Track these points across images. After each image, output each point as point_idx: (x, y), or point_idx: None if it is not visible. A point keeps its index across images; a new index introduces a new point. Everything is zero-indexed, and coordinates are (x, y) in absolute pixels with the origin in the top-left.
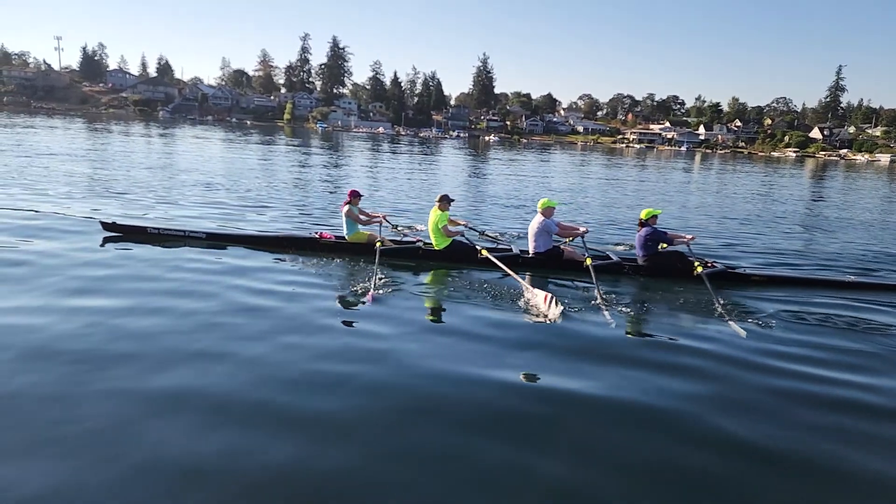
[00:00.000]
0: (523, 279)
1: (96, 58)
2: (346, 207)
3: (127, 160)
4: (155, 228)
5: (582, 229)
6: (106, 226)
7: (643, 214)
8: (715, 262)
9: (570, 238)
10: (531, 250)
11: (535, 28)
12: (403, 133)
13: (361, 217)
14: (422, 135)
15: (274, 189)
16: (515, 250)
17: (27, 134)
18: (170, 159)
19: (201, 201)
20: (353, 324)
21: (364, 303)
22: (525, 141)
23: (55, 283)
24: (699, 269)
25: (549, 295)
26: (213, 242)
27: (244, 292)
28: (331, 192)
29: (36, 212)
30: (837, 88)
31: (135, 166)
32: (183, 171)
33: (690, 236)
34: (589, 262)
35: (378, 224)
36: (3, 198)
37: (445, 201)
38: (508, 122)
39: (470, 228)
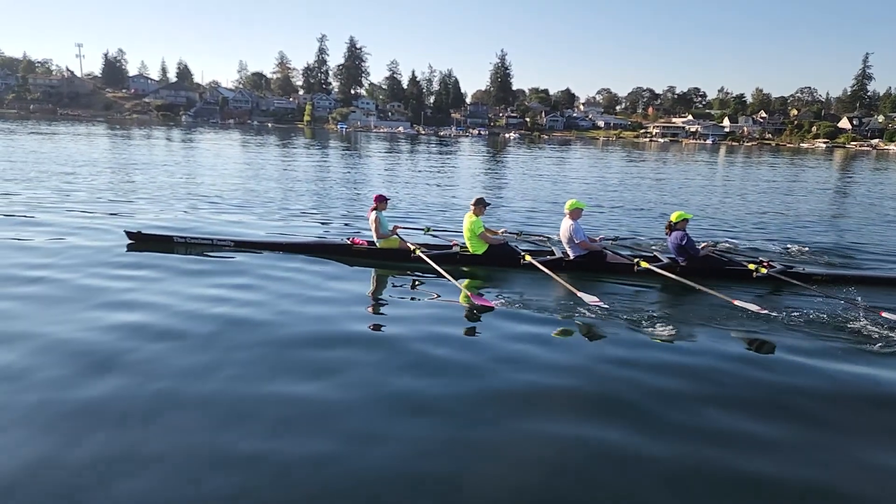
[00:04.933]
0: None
1: (117, 64)
2: (374, 214)
3: (162, 166)
4: (181, 237)
5: (597, 245)
6: (131, 235)
7: (674, 217)
8: (771, 261)
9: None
10: (570, 254)
11: (550, 23)
12: (423, 132)
13: (388, 232)
14: (441, 133)
15: (300, 192)
16: (558, 253)
17: (57, 141)
18: (198, 165)
19: (229, 207)
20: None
21: (490, 307)
22: (546, 137)
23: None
24: (763, 270)
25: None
26: (242, 250)
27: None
28: (356, 194)
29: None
30: (864, 77)
31: (169, 173)
32: (211, 176)
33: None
34: (645, 264)
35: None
36: (31, 207)
37: (481, 205)
38: (528, 119)
39: (508, 234)
